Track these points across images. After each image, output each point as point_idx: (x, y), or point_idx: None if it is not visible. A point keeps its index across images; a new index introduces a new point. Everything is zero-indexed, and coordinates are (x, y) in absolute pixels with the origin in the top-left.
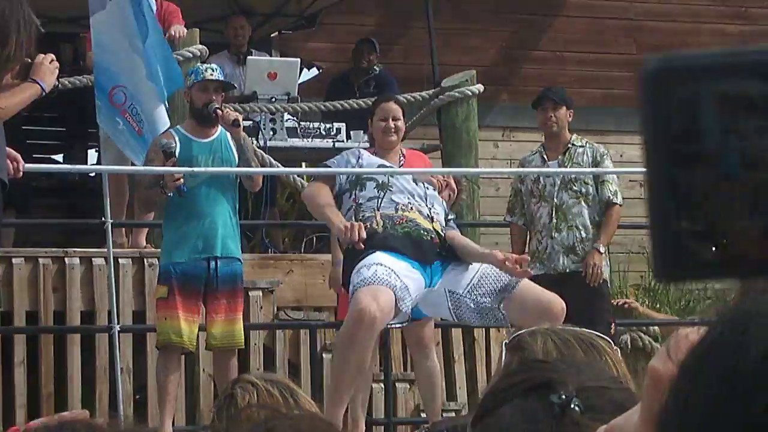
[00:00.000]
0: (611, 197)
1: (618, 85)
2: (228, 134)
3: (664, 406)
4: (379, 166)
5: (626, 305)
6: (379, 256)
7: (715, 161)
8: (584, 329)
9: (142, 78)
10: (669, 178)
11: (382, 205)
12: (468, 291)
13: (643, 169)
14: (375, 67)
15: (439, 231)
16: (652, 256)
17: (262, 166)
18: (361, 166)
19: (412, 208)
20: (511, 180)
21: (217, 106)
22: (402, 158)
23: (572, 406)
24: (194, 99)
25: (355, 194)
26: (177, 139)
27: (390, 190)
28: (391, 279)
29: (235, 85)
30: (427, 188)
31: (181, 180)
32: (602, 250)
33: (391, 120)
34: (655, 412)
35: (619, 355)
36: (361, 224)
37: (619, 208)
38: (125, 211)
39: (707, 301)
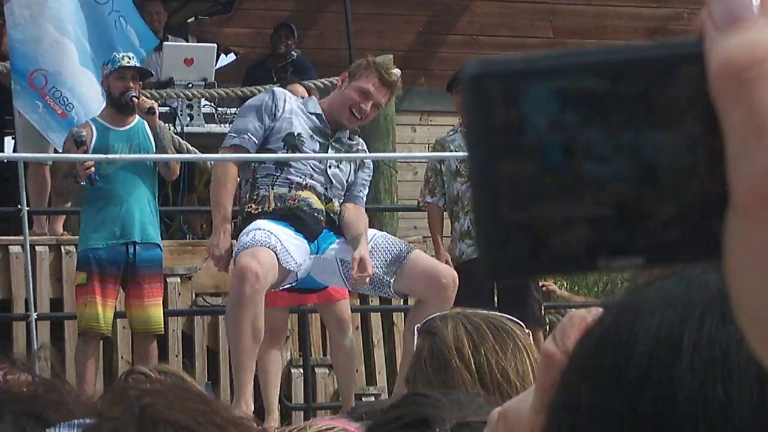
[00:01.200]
0: None
1: None
2: (145, 122)
3: (554, 397)
4: (314, 129)
5: (544, 288)
6: (259, 223)
7: (537, 153)
8: (496, 313)
9: (73, 62)
10: (490, 172)
11: (277, 183)
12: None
13: None
14: (293, 52)
15: (333, 212)
16: (479, 253)
17: (179, 152)
18: (276, 108)
19: (306, 186)
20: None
21: (133, 94)
22: None
23: None
24: (111, 87)
25: (255, 166)
26: (94, 128)
27: (288, 167)
28: (270, 240)
29: (152, 72)
30: (338, 167)
31: (92, 168)
32: None
33: None
34: (548, 394)
35: (531, 339)
36: (228, 258)
37: None
38: (46, 200)
39: (625, 284)
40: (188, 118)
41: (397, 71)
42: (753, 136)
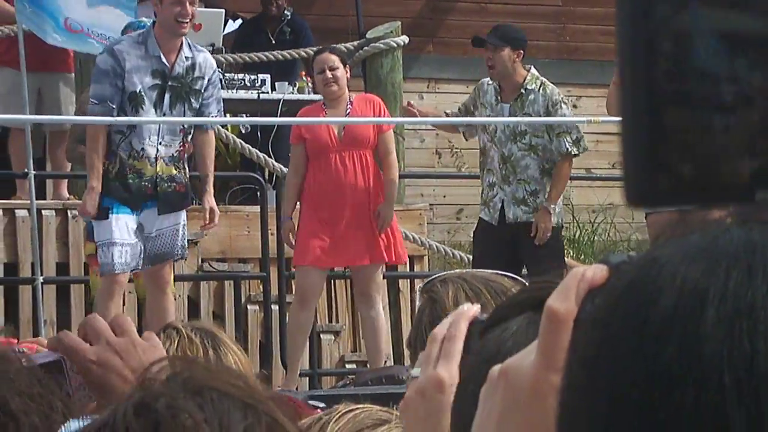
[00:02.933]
0: (570, 148)
1: (542, 37)
2: None
3: (570, 354)
4: (153, 73)
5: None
6: (110, 230)
7: (707, 99)
8: (498, 274)
9: (82, 4)
10: (651, 115)
11: (121, 146)
12: (147, 237)
13: (571, 119)
14: (286, 11)
15: (165, 176)
16: (625, 180)
17: None
18: (122, 70)
19: (143, 155)
20: (436, 132)
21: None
22: (349, 106)
23: None
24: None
25: (112, 114)
26: None
27: (134, 131)
28: (123, 258)
29: None
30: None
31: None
32: (552, 208)
33: (327, 71)
34: (552, 352)
35: None
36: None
37: (570, 160)
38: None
39: (630, 252)
40: None
41: None
42: None
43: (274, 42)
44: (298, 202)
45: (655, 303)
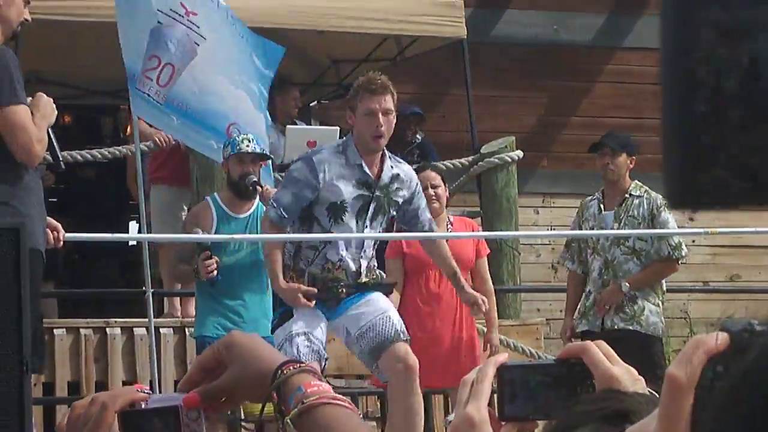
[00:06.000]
0: (671, 252)
1: (654, 150)
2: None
3: (693, 420)
4: (357, 184)
5: None
6: (296, 324)
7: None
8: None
9: (250, 109)
10: (690, 99)
11: (315, 261)
12: (357, 337)
13: (687, 231)
14: (417, 135)
15: (362, 281)
16: (666, 182)
17: None
18: (317, 180)
19: (339, 267)
20: (552, 247)
21: (255, 179)
22: (449, 225)
23: None
24: (231, 171)
25: (302, 231)
26: (214, 211)
27: (329, 244)
28: (312, 348)
29: (271, 156)
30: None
31: (215, 272)
32: (625, 288)
33: (430, 188)
34: (673, 419)
35: None
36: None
37: (673, 264)
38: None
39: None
40: None
41: (380, 77)
42: None
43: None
44: None
45: None
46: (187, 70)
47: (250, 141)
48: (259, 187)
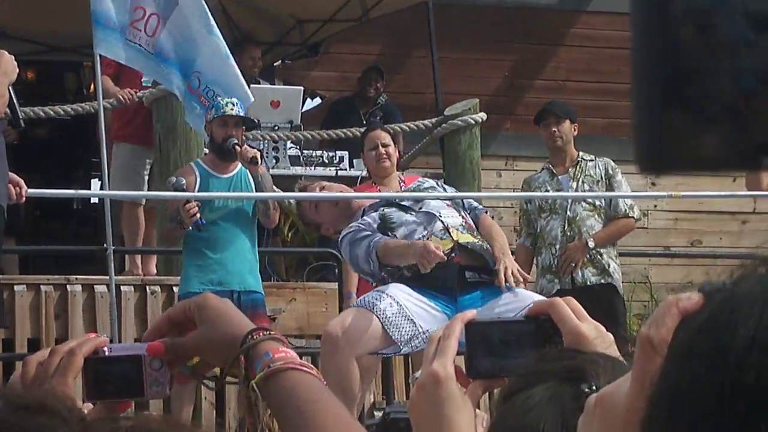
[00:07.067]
0: (627, 210)
1: (621, 115)
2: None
3: (655, 384)
4: (395, 206)
5: None
6: (390, 287)
7: (730, 78)
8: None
9: (220, 56)
10: (656, 64)
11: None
12: None
13: (650, 194)
14: (381, 96)
15: (458, 237)
16: (635, 146)
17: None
18: (384, 216)
19: (428, 238)
20: (515, 210)
21: (236, 141)
22: (402, 184)
23: None
24: (214, 134)
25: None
26: (197, 172)
27: (392, 232)
28: (382, 305)
29: (255, 120)
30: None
31: (198, 215)
32: (591, 244)
33: (380, 147)
34: (646, 381)
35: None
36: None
37: (631, 222)
38: (140, 240)
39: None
40: (274, 161)
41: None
42: None
43: (364, 123)
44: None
45: (733, 334)
46: (171, 19)
47: (234, 105)
48: (237, 147)
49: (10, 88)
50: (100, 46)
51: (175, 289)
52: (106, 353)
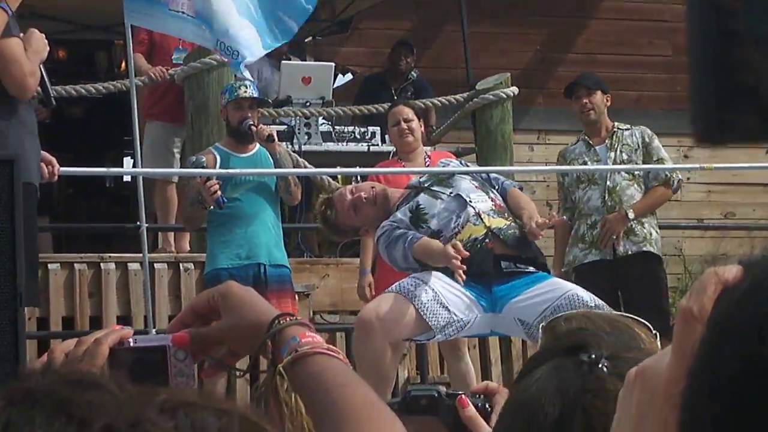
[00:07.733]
0: (668, 176)
1: (653, 88)
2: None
3: (696, 355)
4: (426, 192)
5: None
6: (428, 273)
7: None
8: (623, 314)
9: (231, 14)
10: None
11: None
12: (538, 322)
13: (683, 167)
14: (412, 72)
15: (490, 223)
16: (693, 118)
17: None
18: (418, 205)
19: (463, 226)
20: (547, 184)
21: (251, 122)
22: (427, 159)
23: (600, 366)
24: (230, 117)
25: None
26: (217, 155)
27: (425, 224)
28: (418, 291)
29: (269, 101)
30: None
31: (218, 192)
32: (630, 215)
33: (402, 122)
34: (686, 352)
35: (659, 342)
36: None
37: (668, 191)
38: (173, 218)
39: None
40: (306, 137)
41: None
42: None
43: (395, 99)
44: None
45: None
46: None
47: (247, 87)
48: (253, 128)
49: (41, 66)
50: (130, 16)
51: None
52: (131, 344)
